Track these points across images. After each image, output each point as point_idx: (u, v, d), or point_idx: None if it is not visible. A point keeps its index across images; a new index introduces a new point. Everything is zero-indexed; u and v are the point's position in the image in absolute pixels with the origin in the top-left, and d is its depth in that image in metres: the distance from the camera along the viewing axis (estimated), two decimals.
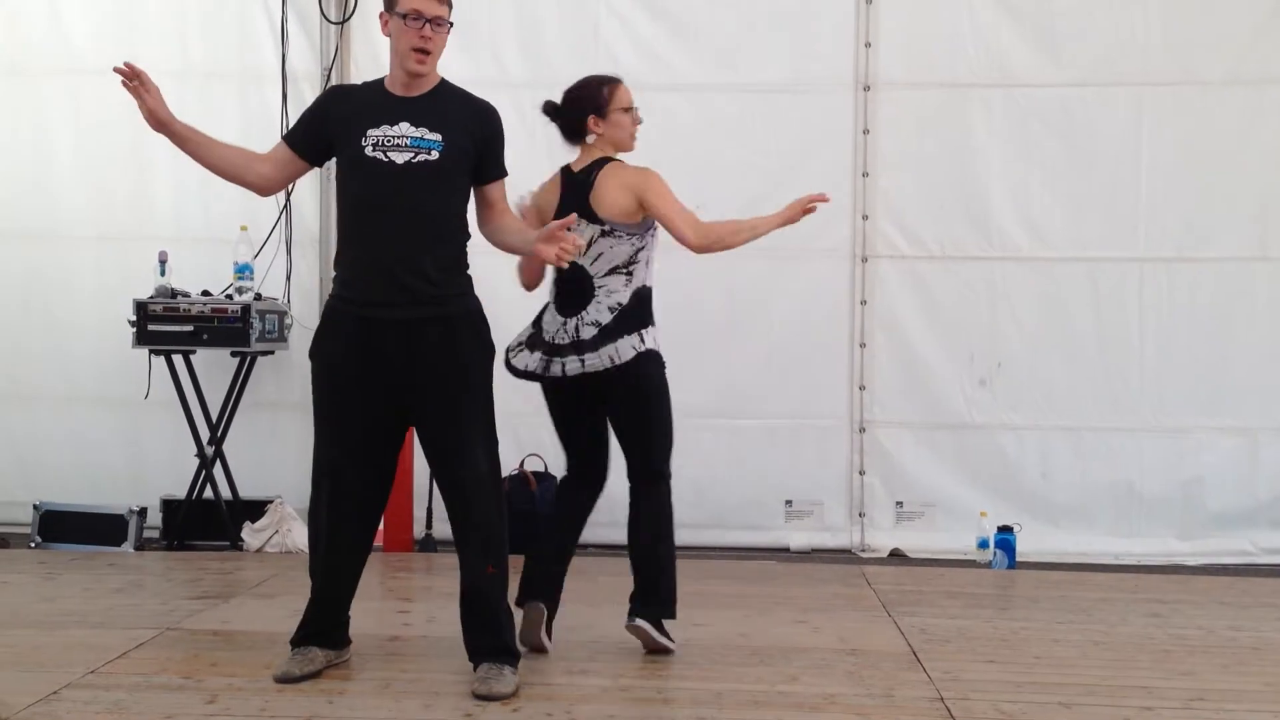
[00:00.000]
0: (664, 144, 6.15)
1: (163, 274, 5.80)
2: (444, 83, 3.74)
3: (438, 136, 3.62)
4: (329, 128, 3.69)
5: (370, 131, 3.61)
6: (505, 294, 4.62)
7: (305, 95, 6.17)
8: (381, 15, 3.70)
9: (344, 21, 6.18)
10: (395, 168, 3.58)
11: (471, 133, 3.68)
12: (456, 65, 6.08)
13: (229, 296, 5.84)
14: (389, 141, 3.60)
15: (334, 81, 6.15)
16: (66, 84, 6.26)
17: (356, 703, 3.52)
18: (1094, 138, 6.09)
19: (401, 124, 3.62)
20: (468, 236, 3.76)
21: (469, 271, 3.75)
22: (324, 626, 3.81)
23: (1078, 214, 6.11)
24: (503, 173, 3.80)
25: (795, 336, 6.10)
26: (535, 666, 3.87)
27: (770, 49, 6.15)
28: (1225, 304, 6.07)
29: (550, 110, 4.12)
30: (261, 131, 6.05)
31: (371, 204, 3.62)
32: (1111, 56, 6.08)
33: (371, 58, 5.96)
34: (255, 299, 5.82)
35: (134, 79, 3.53)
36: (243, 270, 5.88)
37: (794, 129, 6.14)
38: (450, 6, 3.69)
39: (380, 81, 3.78)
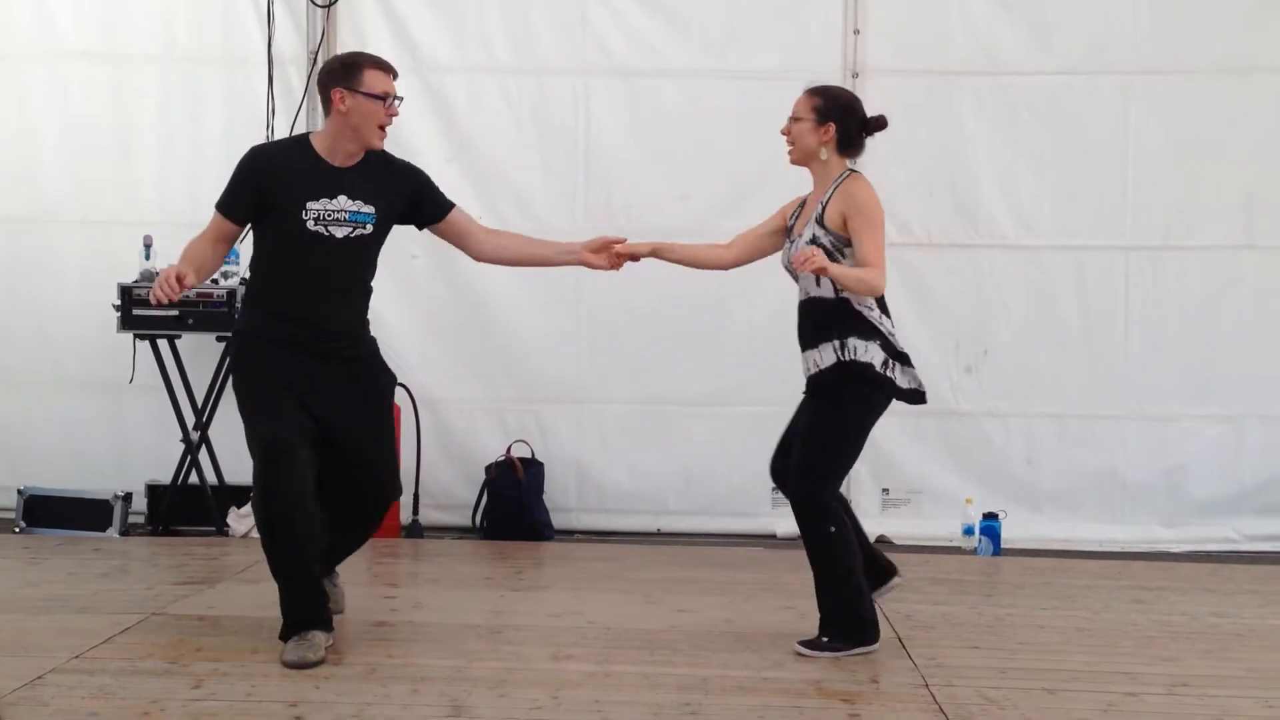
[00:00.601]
0: (653, 131, 6.21)
1: (147, 258, 5.76)
2: (368, 150, 3.88)
3: (371, 209, 3.81)
4: (263, 190, 3.82)
5: (310, 205, 3.75)
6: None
7: (291, 80, 6.15)
8: (336, 92, 3.77)
9: (330, 5, 6.14)
10: (334, 242, 3.79)
11: (403, 195, 3.92)
12: (444, 52, 6.16)
13: (214, 281, 5.81)
14: (329, 216, 3.77)
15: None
16: (51, 69, 6.21)
17: (343, 688, 3.52)
18: (1082, 126, 6.09)
19: (339, 197, 3.79)
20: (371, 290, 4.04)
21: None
22: (313, 610, 3.81)
23: (1065, 202, 6.11)
24: (451, 202, 4.04)
25: (782, 324, 6.02)
26: (520, 652, 3.87)
27: (759, 36, 6.12)
28: (1212, 292, 6.08)
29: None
30: (247, 116, 6.06)
31: (304, 272, 3.80)
32: (1100, 45, 6.07)
33: (357, 41, 5.92)
34: (240, 283, 5.79)
35: (180, 284, 3.74)
36: (228, 255, 5.83)
37: (783, 116, 6.08)
38: None
39: (305, 142, 3.92)
